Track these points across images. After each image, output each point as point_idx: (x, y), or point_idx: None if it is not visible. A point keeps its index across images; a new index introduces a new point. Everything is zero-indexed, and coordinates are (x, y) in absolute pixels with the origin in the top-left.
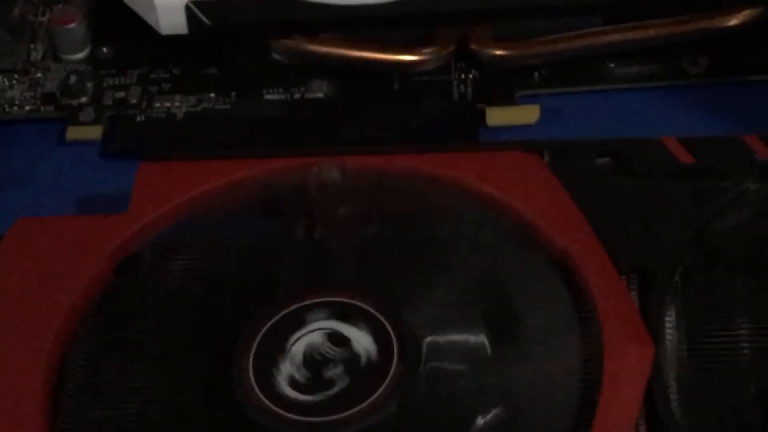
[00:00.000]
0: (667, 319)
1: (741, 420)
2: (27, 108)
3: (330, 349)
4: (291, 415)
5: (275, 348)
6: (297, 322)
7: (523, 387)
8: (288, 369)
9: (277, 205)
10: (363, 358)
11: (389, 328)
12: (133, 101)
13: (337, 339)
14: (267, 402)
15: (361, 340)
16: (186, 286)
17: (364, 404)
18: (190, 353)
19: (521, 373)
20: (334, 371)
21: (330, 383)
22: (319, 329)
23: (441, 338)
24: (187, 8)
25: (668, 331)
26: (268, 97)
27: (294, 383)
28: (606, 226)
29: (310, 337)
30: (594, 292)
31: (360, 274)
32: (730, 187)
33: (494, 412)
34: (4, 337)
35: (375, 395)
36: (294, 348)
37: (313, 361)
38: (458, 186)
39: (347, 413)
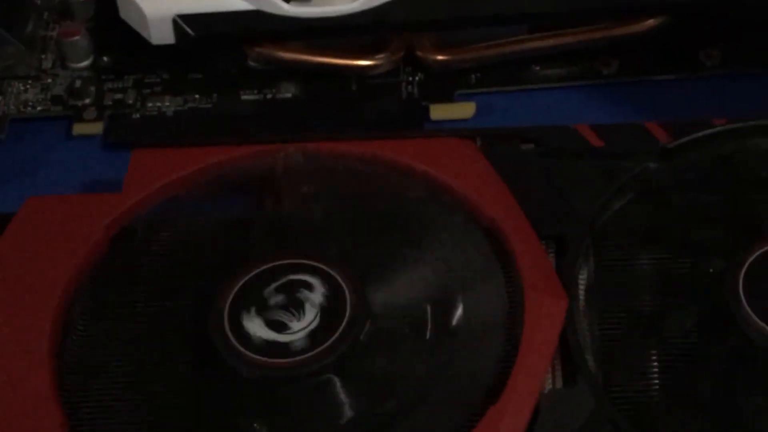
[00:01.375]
0: (580, 277)
1: (641, 362)
2: (39, 108)
3: (292, 303)
4: (253, 355)
5: (247, 299)
6: (266, 279)
7: (457, 330)
8: (255, 317)
9: (250, 185)
10: (319, 312)
11: (344, 286)
12: (129, 102)
13: (298, 294)
14: (241, 347)
15: (319, 296)
16: (172, 252)
17: (314, 351)
18: (175, 307)
19: (456, 319)
20: (294, 321)
21: (289, 331)
22: (284, 286)
23: (388, 294)
24: (174, 21)
25: (581, 286)
26: (244, 97)
27: (260, 329)
28: (529, 199)
29: (276, 292)
30: (518, 254)
31: (319, 241)
32: (633, 166)
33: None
34: (18, 295)
35: (326, 344)
36: (262, 299)
37: (276, 311)
38: (405, 167)
39: (299, 357)
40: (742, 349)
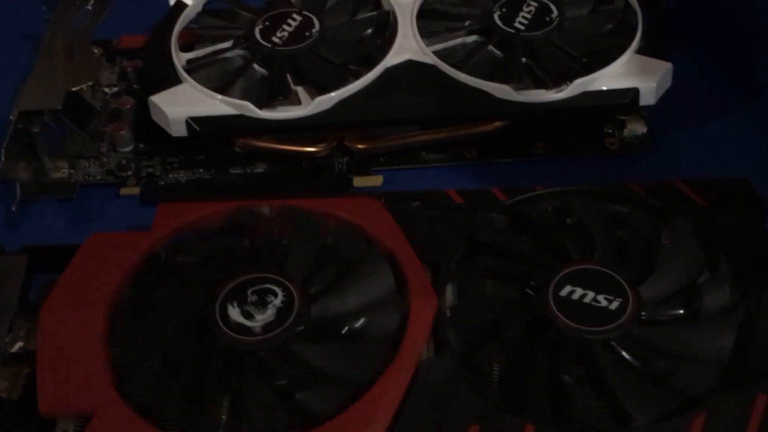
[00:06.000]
0: (448, 287)
1: (478, 340)
2: (98, 177)
3: (260, 302)
4: (231, 333)
5: (231, 298)
6: (245, 287)
7: (366, 322)
8: (235, 309)
9: (235, 227)
10: (276, 310)
11: (294, 294)
12: (157, 174)
13: (264, 297)
14: (224, 327)
15: (278, 297)
16: (184, 271)
17: (268, 335)
18: (185, 303)
19: (366, 315)
20: (259, 314)
21: (255, 320)
22: (256, 290)
23: (321, 298)
24: (187, 121)
25: (447, 292)
26: (232, 171)
27: (237, 317)
28: (414, 237)
29: (250, 294)
30: (407, 272)
31: (280, 264)
32: (482, 216)
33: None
34: (85, 294)
35: (281, 327)
36: (241, 299)
37: (249, 307)
38: (335, 216)
39: (258, 338)
40: (552, 335)
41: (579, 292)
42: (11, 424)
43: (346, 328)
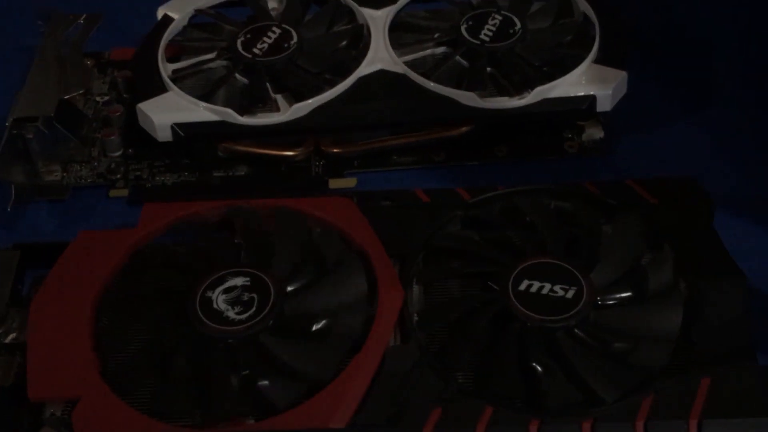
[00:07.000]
0: (415, 280)
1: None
2: (89, 180)
3: (239, 294)
4: (213, 324)
5: (212, 290)
6: (224, 279)
7: (340, 312)
8: (216, 301)
9: (218, 224)
10: (254, 298)
11: (270, 284)
12: (144, 176)
13: (244, 288)
14: (204, 318)
15: (255, 289)
16: (167, 263)
17: (253, 320)
18: (167, 298)
19: (339, 306)
20: (239, 305)
21: (237, 310)
22: (236, 283)
23: (299, 294)
24: (172, 127)
25: (414, 286)
26: (215, 174)
27: (218, 308)
28: (384, 234)
29: (231, 286)
30: (376, 266)
31: (259, 257)
32: (446, 214)
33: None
34: (74, 287)
35: (260, 316)
36: (221, 291)
37: (229, 298)
38: (310, 214)
39: (242, 326)
40: (517, 328)
41: (536, 284)
42: (3, 408)
43: (314, 326)
